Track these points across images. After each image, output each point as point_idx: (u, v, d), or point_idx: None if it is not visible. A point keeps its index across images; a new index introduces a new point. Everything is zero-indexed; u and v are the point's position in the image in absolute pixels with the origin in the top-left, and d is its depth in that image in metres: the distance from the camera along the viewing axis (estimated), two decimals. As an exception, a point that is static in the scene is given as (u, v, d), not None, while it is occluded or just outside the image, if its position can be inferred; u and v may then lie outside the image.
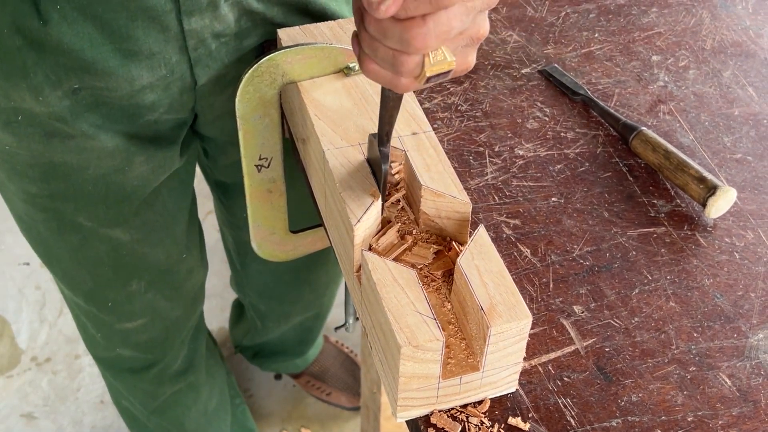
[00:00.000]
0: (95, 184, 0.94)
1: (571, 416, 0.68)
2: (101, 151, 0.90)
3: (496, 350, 0.63)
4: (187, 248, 1.13)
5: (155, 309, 1.16)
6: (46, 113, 0.85)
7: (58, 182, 0.93)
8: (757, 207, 0.84)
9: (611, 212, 0.83)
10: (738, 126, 0.92)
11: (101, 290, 1.10)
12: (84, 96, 0.84)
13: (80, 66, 0.81)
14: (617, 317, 0.74)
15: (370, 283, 0.65)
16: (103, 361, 1.30)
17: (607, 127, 0.91)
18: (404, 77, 0.58)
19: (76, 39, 0.79)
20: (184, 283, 1.17)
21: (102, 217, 0.98)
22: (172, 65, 0.85)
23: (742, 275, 0.78)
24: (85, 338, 1.26)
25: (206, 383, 1.40)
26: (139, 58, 0.82)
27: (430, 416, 0.67)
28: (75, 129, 0.87)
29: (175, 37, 0.83)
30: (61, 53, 0.80)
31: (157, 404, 1.35)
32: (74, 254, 1.04)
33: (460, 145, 0.88)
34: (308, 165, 0.84)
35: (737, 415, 0.68)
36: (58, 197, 0.95)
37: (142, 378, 1.29)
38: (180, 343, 1.27)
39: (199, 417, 1.42)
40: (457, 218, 0.71)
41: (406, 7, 0.52)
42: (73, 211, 0.97)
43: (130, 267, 1.07)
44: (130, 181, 0.96)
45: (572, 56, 1.00)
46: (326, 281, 1.50)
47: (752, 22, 1.06)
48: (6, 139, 0.89)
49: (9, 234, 2.08)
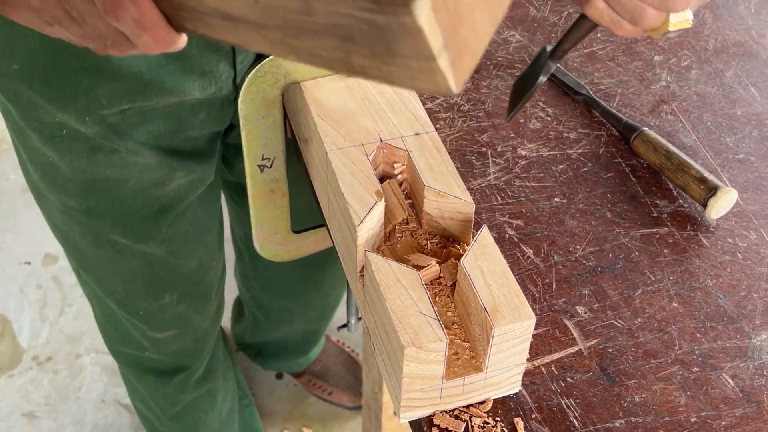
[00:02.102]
0: (134, 197, 0.94)
1: (574, 417, 0.68)
2: (144, 166, 0.91)
3: (499, 351, 0.63)
4: (218, 257, 1.14)
5: (187, 321, 1.16)
6: (91, 132, 0.85)
7: (98, 198, 0.94)
8: (759, 207, 0.84)
9: (614, 213, 0.83)
10: (740, 126, 0.92)
11: (133, 301, 1.11)
12: (131, 115, 0.85)
13: (136, 88, 0.81)
14: (620, 318, 0.74)
15: (373, 284, 0.65)
16: (128, 360, 1.29)
17: (609, 128, 0.91)
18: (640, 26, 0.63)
19: (136, 62, 0.79)
20: (212, 293, 1.18)
21: (137, 232, 0.99)
22: (221, 82, 0.86)
23: (745, 276, 0.78)
24: (114, 336, 1.25)
25: (222, 388, 1.40)
26: (192, 77, 0.83)
27: (433, 417, 0.67)
28: (119, 146, 0.87)
29: (226, 54, 0.83)
30: (120, 78, 0.80)
31: (176, 411, 1.35)
32: (109, 266, 1.05)
33: (463, 146, 0.88)
34: (311, 165, 0.84)
35: (740, 415, 0.68)
36: (95, 213, 0.96)
37: (166, 383, 1.29)
38: (207, 352, 1.27)
39: (214, 422, 1.41)
40: (460, 219, 0.71)
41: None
42: (109, 227, 0.98)
43: (163, 281, 1.08)
44: (168, 194, 0.96)
45: (575, 56, 1.00)
46: (332, 281, 1.50)
47: (755, 22, 1.06)
48: (49, 153, 0.89)
49: (10, 233, 2.08)
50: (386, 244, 0.73)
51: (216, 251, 1.13)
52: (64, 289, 1.98)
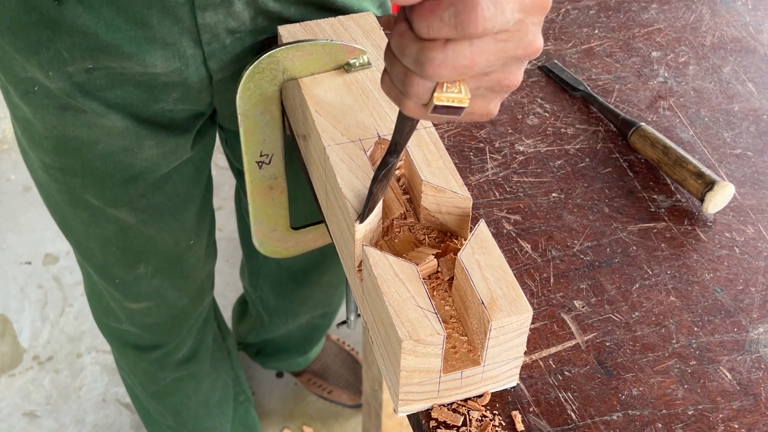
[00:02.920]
0: (104, 160, 0.95)
1: (572, 410, 0.68)
2: (111, 129, 0.91)
3: (496, 344, 0.64)
4: (196, 235, 1.14)
5: (161, 295, 1.17)
6: (58, 88, 0.85)
7: (69, 156, 0.95)
8: (757, 202, 0.84)
9: (611, 207, 0.83)
10: (738, 122, 0.92)
11: (110, 267, 1.12)
12: (98, 76, 0.85)
13: (96, 47, 0.81)
14: (618, 312, 0.75)
15: (371, 278, 0.66)
16: (110, 332, 1.31)
17: (607, 123, 0.91)
18: (410, 99, 0.52)
19: (92, 21, 0.79)
20: (192, 272, 1.18)
21: (108, 196, 0.99)
22: (186, 58, 0.86)
23: (743, 270, 0.78)
24: (98, 307, 1.27)
25: (209, 375, 1.40)
26: (154, 47, 0.83)
27: (431, 411, 0.67)
28: (86, 105, 0.87)
29: (189, 29, 0.83)
30: (76, 34, 0.80)
31: (157, 388, 1.35)
32: (86, 228, 1.06)
33: (461, 141, 0.89)
34: (309, 161, 0.84)
35: (738, 408, 0.68)
36: (68, 171, 0.97)
37: (143, 357, 1.30)
38: (186, 332, 1.27)
39: (199, 408, 1.42)
40: (457, 214, 0.71)
41: (429, 25, 0.47)
42: (81, 187, 0.99)
43: (137, 250, 1.08)
44: (139, 163, 0.96)
45: (572, 52, 1.00)
46: (337, 282, 1.51)
47: (752, 18, 1.06)
48: (24, 108, 0.91)
49: (11, 233, 2.09)
50: (384, 239, 0.73)
51: (194, 231, 1.12)
52: (64, 288, 1.99)
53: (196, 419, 1.43)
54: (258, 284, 1.54)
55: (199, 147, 1.03)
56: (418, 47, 0.49)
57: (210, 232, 1.20)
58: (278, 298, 1.52)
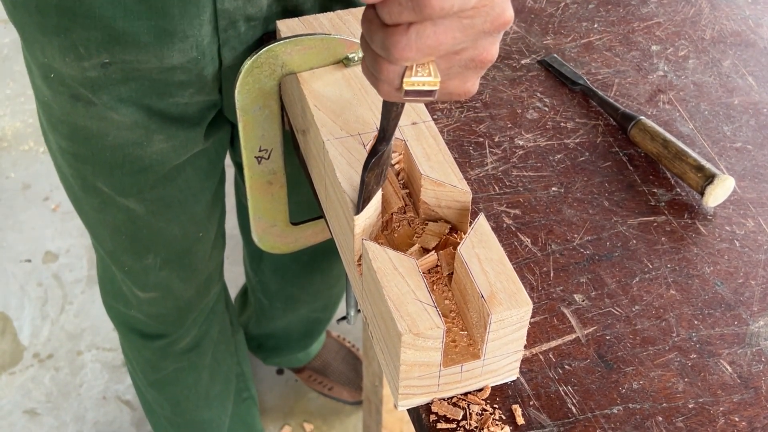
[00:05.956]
0: (113, 152, 0.96)
1: (572, 404, 0.68)
2: (120, 123, 0.92)
3: (496, 338, 0.63)
4: (206, 227, 1.14)
5: (168, 287, 1.17)
6: (71, 76, 0.86)
7: (80, 144, 0.96)
8: (757, 195, 0.84)
9: (611, 201, 0.83)
10: (738, 115, 0.92)
11: (119, 255, 1.12)
12: (113, 70, 0.85)
13: (111, 38, 0.81)
14: (618, 305, 0.75)
15: (370, 272, 0.65)
16: (117, 317, 1.31)
17: (606, 117, 0.91)
18: (383, 84, 0.53)
19: (109, 6, 0.79)
20: (200, 264, 1.18)
21: (117, 186, 1.00)
22: (203, 48, 0.86)
23: (743, 263, 0.78)
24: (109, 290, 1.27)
25: (209, 367, 1.40)
26: (173, 40, 0.83)
27: (431, 404, 0.67)
28: (96, 98, 0.88)
29: (209, 18, 0.83)
30: (92, 21, 0.80)
31: (157, 378, 1.35)
32: (96, 215, 1.07)
33: (460, 136, 0.89)
34: (308, 156, 0.84)
35: (738, 401, 0.68)
36: (80, 158, 0.98)
37: (147, 345, 1.30)
38: (191, 322, 1.27)
39: (198, 399, 1.41)
40: (457, 207, 0.71)
41: (390, 11, 0.48)
42: (92, 174, 0.99)
43: (146, 240, 1.09)
44: (149, 156, 0.97)
45: (572, 46, 1.00)
46: (338, 273, 1.50)
47: (751, 11, 1.06)
48: (45, 91, 0.92)
49: (11, 231, 2.09)
50: (384, 233, 0.73)
51: (204, 223, 1.12)
52: (64, 286, 1.98)
53: (194, 411, 1.43)
54: (259, 268, 1.54)
55: (213, 139, 1.03)
56: (384, 33, 0.50)
57: (219, 224, 1.20)
58: (280, 282, 1.52)
